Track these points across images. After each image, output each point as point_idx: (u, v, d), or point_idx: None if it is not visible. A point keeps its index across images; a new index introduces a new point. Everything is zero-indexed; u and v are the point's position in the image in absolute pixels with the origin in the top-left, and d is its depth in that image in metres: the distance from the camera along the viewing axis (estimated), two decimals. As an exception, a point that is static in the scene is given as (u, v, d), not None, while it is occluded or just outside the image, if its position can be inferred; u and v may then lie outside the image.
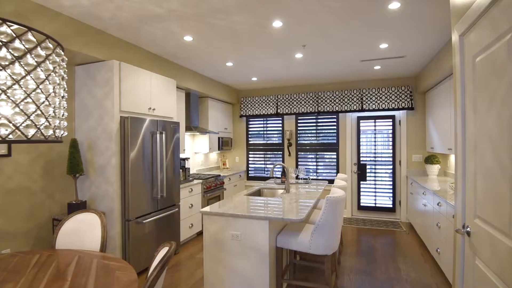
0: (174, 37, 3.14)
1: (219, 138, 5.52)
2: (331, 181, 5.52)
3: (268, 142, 6.08)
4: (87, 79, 3.06)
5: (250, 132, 6.23)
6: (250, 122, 6.22)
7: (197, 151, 5.23)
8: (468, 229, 1.54)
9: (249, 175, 6.20)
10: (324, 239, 2.33)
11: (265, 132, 6.11)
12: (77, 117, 3.12)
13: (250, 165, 6.22)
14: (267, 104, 5.89)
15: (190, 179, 4.26)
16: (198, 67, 4.37)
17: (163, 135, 3.40)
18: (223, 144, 5.69)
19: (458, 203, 1.69)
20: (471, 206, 1.53)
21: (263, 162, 6.12)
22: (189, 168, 4.30)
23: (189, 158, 4.35)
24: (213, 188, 4.62)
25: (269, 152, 6.06)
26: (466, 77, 1.58)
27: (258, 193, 3.66)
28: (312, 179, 5.64)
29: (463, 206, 1.64)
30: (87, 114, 3.06)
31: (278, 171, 6.03)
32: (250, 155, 6.21)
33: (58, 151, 2.96)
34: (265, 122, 6.12)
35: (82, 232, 2.09)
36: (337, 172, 5.53)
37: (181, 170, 4.17)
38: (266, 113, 5.89)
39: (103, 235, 2.01)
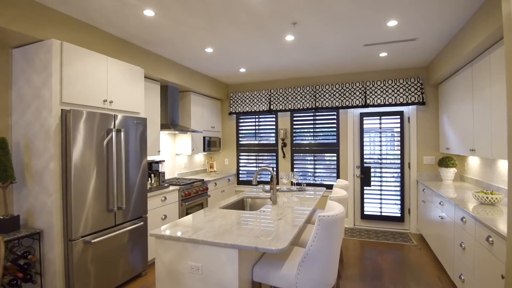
0: (131, 12, 2.54)
1: (204, 137, 4.91)
2: (330, 187, 4.89)
3: (261, 142, 5.45)
4: (25, 65, 2.47)
5: (240, 131, 5.60)
6: (241, 120, 5.59)
7: (179, 152, 4.63)
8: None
9: (240, 179, 5.58)
10: (316, 273, 1.72)
11: (256, 131, 5.49)
12: (14, 111, 2.53)
13: (241, 168, 5.59)
14: (259, 100, 5.26)
15: (165, 185, 3.65)
16: (174, 55, 3.76)
17: (122, 133, 2.79)
18: (210, 145, 5.08)
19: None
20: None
21: (255, 165, 5.49)
22: (163, 173, 3.69)
23: (164, 160, 3.74)
24: (194, 195, 4.01)
25: (261, 154, 5.43)
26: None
27: (241, 203, 3.06)
28: (308, 184, 5.01)
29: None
30: (25, 107, 2.47)
31: (267, 175, 5.41)
32: (241, 157, 5.59)
33: (-14, 153, 2.36)
34: (257, 120, 5.49)
35: (-26, 268, 1.49)
36: (338, 176, 4.89)
37: (152, 175, 3.57)
38: (258, 110, 5.27)
39: (-5, 274, 1.41)
